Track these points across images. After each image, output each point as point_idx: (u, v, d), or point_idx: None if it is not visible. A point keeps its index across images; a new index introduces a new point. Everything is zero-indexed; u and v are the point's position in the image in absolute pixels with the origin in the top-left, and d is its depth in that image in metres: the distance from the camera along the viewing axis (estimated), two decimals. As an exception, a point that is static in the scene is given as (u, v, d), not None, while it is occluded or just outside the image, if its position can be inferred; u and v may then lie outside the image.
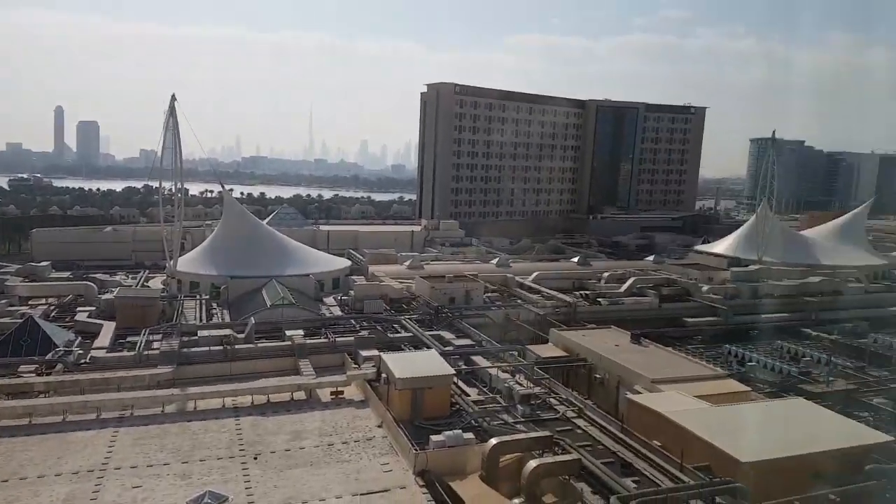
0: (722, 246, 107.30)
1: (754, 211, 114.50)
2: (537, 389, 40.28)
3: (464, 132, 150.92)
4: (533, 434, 32.44)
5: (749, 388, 43.45)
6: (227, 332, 49.10)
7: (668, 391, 39.81)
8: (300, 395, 40.54)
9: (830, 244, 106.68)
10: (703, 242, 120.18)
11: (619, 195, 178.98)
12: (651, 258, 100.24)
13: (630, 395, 39.54)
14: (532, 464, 29.08)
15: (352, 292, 66.91)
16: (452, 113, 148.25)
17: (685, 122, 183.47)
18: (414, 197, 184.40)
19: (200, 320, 58.02)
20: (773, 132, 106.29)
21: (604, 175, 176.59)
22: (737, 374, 49.47)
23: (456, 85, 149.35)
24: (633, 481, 29.27)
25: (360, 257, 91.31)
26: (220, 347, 46.04)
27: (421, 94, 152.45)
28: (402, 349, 48.04)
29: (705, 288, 77.68)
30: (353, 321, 57.90)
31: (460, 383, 41.46)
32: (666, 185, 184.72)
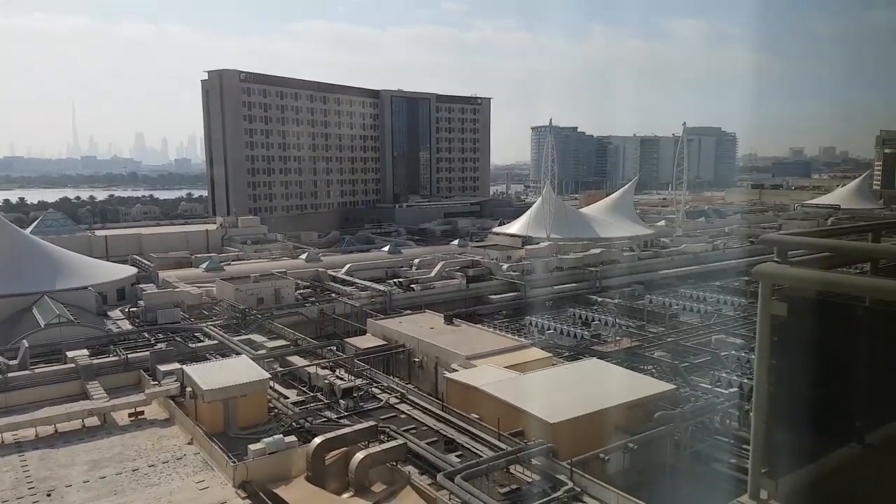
0: (516, 227, 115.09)
1: (540, 193, 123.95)
2: (359, 381, 39.95)
3: (255, 122, 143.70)
4: (357, 426, 32.06)
5: (550, 355, 46.83)
6: (-6, 360, 42.19)
7: (482, 365, 41.67)
8: (93, 420, 36.17)
9: (606, 219, 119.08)
10: (500, 224, 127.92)
11: (421, 183, 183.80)
12: (456, 242, 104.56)
13: (447, 374, 40.76)
14: (359, 456, 28.76)
15: (141, 303, 61.03)
16: (240, 102, 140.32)
17: (474, 113, 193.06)
18: (205, 193, 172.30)
19: (-44, 351, 49.26)
20: (550, 120, 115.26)
21: (405, 164, 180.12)
22: (539, 342, 53.18)
23: (241, 72, 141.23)
24: (457, 456, 30.28)
25: (148, 263, 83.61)
26: (-14, 379, 39.42)
27: (202, 81, 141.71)
28: (208, 359, 44.82)
29: (505, 266, 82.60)
30: (146, 334, 52.54)
31: (277, 386, 39.81)
32: (462, 172, 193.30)
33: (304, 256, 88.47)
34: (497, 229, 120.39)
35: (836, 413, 4.52)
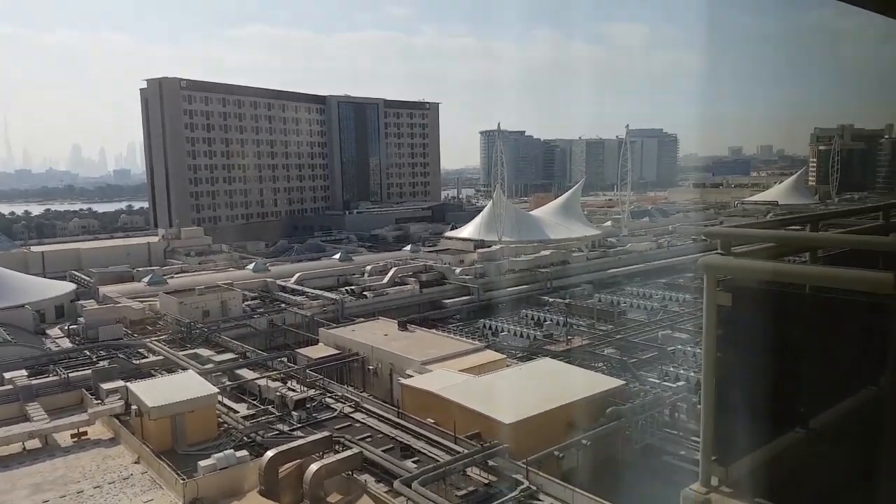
0: (467, 231, 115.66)
1: (490, 197, 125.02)
2: (311, 392, 39.36)
3: (197, 130, 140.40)
4: (311, 437, 31.61)
5: (504, 356, 47.18)
6: (-79, 386, 39.98)
7: (437, 370, 41.62)
8: (33, 443, 34.70)
9: (555, 221, 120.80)
10: (452, 229, 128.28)
11: (371, 189, 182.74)
12: (408, 248, 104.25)
13: (402, 380, 40.56)
14: (313, 467, 28.33)
15: (81, 319, 58.73)
16: (181, 110, 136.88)
17: (423, 118, 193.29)
18: (146, 205, 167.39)
19: None
20: (499, 124, 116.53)
21: (354, 170, 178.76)
22: (493, 344, 53.54)
23: (182, 80, 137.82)
24: (414, 462, 30.12)
25: (87, 279, 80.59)
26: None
27: (141, 90, 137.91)
28: (154, 375, 43.50)
29: (458, 270, 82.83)
30: (87, 352, 50.60)
31: (226, 401, 38.90)
32: (413, 177, 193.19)
33: (251, 267, 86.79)
34: (449, 234, 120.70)
35: (781, 400, 4.62)
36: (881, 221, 6.60)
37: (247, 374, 43.51)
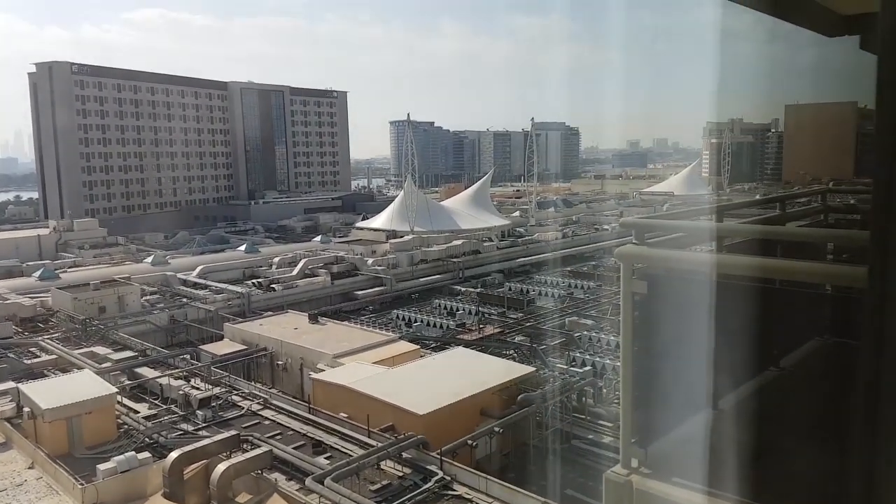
0: (379, 221, 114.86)
1: (401, 187, 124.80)
2: (217, 390, 37.94)
3: (91, 117, 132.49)
4: (218, 437, 30.48)
5: (418, 347, 47.31)
6: None
7: (349, 363, 41.17)
8: None
9: (466, 211, 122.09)
10: (363, 219, 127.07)
11: (278, 178, 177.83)
12: (318, 238, 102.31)
13: (313, 375, 39.88)
14: (220, 468, 27.37)
15: (-35, 318, 54.24)
16: (72, 95, 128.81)
17: (330, 106, 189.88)
18: (35, 195, 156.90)
19: None
20: (409, 115, 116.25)
21: (259, 159, 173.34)
22: (406, 335, 53.55)
23: (73, 64, 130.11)
24: (326, 458, 29.67)
25: (-29, 274, 74.58)
26: None
27: (29, 74, 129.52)
28: (47, 375, 40.84)
29: (370, 261, 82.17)
30: (-29, 352, 47.07)
31: (126, 401, 36.95)
32: (322, 166, 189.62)
33: (149, 260, 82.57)
34: (360, 224, 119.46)
35: (693, 382, 4.83)
36: (778, 212, 7.05)
37: (147, 372, 41.47)
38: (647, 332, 4.90)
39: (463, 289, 75.72)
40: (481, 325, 57.32)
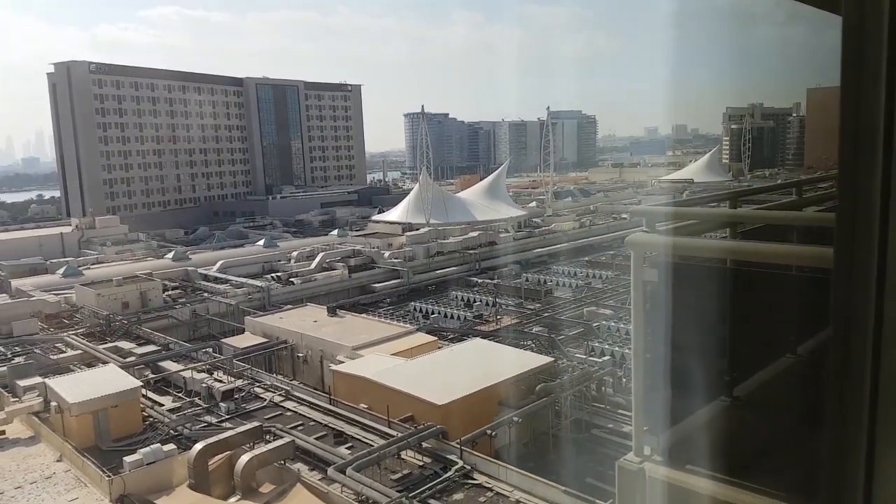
0: (395, 214, 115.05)
1: (417, 180, 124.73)
2: (239, 382, 38.50)
3: (109, 115, 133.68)
4: (241, 428, 30.94)
5: (436, 338, 47.50)
6: None
7: (368, 355, 41.44)
8: (-58, 448, 32.61)
9: (482, 202, 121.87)
10: (379, 212, 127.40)
11: (294, 173, 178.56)
12: (335, 232, 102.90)
13: (333, 367, 40.20)
14: (244, 458, 27.76)
15: (-8, 315, 55.34)
16: (91, 94, 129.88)
17: (345, 100, 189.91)
18: (57, 194, 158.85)
19: None
20: (423, 107, 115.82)
21: (276, 154, 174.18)
22: (424, 327, 53.70)
23: (91, 63, 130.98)
24: (348, 448, 30.01)
25: (-2, 272, 76.01)
26: None
27: (48, 74, 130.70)
28: (73, 370, 41.65)
29: (387, 254, 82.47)
30: (1, 348, 48.25)
31: (151, 394, 37.67)
32: (337, 160, 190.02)
33: (170, 255, 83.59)
34: (377, 217, 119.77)
35: (707, 370, 4.82)
36: (794, 198, 6.98)
37: (170, 366, 42.17)
38: (659, 320, 4.88)
39: (480, 280, 75.70)
40: (499, 317, 57.33)
